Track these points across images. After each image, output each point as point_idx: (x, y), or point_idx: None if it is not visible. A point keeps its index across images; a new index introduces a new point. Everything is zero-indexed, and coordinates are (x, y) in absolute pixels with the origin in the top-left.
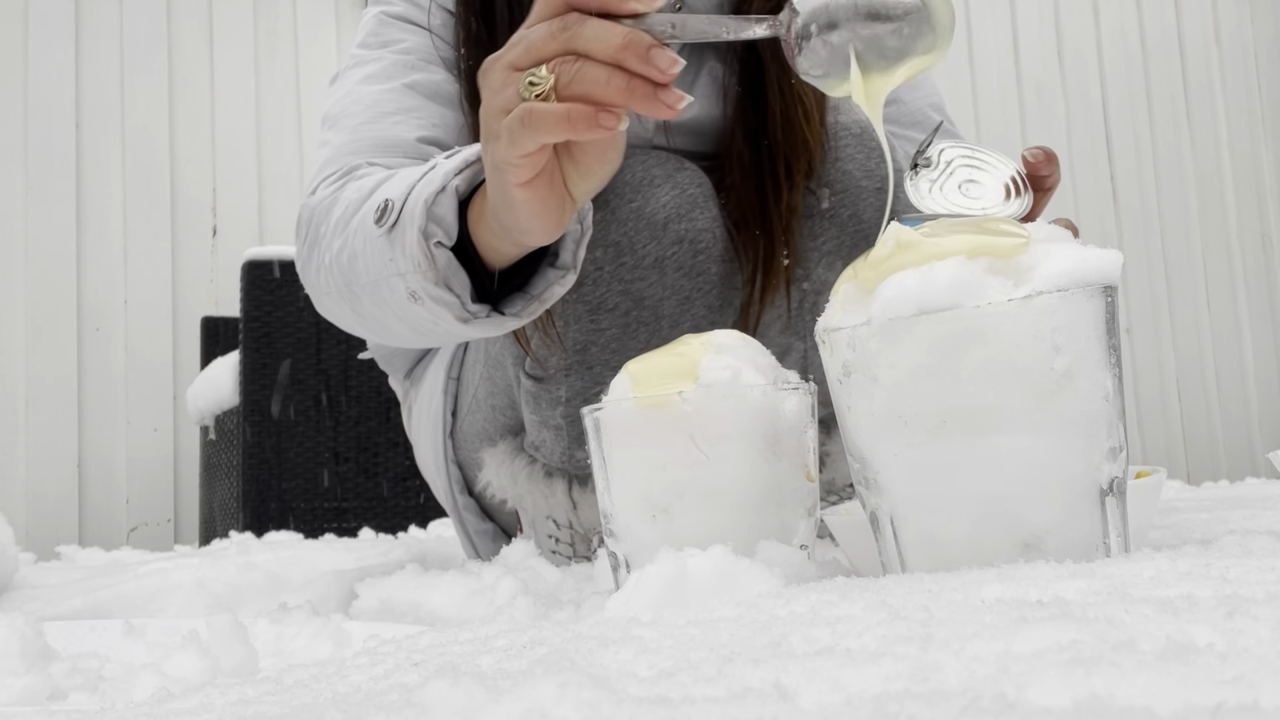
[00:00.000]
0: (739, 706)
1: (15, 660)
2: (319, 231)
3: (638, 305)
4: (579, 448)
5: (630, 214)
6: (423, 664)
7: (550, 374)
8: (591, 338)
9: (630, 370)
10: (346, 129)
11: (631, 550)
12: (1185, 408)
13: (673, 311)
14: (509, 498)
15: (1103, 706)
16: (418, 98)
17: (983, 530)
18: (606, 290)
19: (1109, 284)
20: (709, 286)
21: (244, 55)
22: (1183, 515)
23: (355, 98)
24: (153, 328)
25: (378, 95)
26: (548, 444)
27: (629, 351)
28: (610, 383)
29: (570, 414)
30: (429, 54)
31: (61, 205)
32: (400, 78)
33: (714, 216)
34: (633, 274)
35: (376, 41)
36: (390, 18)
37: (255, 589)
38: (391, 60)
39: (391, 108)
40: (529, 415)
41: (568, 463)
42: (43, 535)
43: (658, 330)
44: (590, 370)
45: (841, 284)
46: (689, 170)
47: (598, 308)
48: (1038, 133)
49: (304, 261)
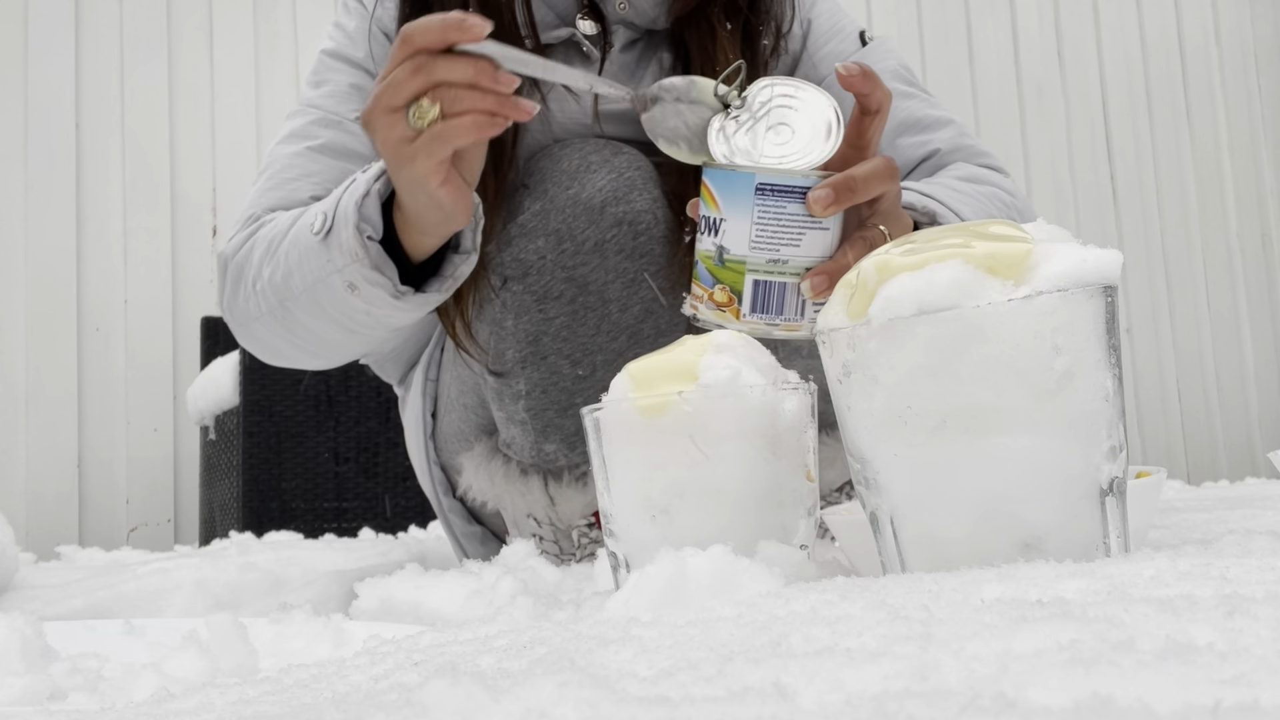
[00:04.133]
0: (739, 706)
1: (15, 660)
2: (242, 268)
3: (583, 291)
4: (546, 441)
5: (568, 201)
6: (423, 664)
7: (508, 368)
8: (541, 327)
9: (630, 370)
10: (258, 190)
11: (631, 550)
12: (1185, 408)
13: (620, 295)
14: (489, 499)
15: (1102, 706)
16: (323, 160)
17: (983, 530)
18: (550, 279)
19: (1109, 284)
20: (655, 268)
21: (244, 55)
22: (1183, 515)
23: (273, 158)
24: (153, 328)
25: (287, 159)
26: (517, 440)
27: (580, 339)
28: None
29: (531, 407)
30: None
31: (61, 205)
32: (313, 138)
33: (655, 198)
34: (574, 260)
35: (314, 81)
36: (327, 55)
37: (255, 589)
38: (314, 117)
39: (295, 173)
40: (496, 412)
41: (538, 457)
42: (43, 535)
43: (607, 315)
44: (545, 360)
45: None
46: (627, 154)
47: (544, 297)
48: (1038, 133)
49: (230, 297)
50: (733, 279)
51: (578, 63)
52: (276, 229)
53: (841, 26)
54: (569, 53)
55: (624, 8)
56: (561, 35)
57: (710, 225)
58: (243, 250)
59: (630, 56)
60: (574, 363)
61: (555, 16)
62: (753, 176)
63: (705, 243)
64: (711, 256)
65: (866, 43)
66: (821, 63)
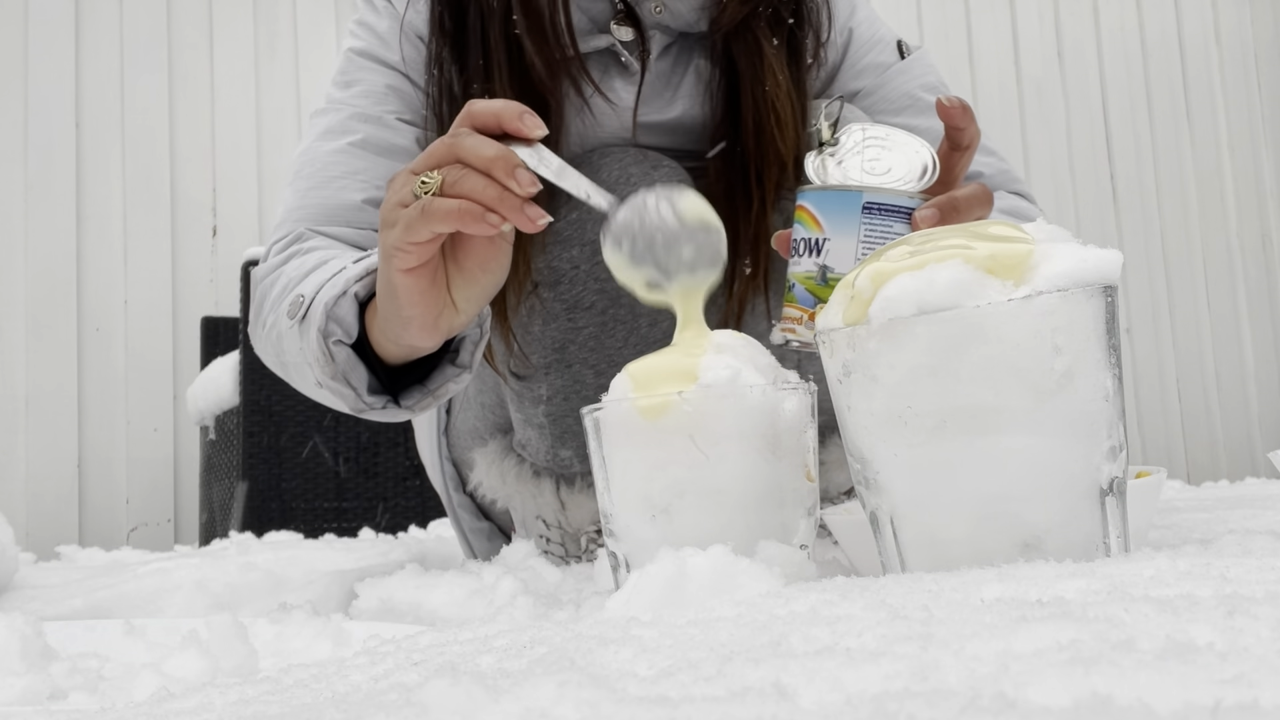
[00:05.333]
0: (739, 706)
1: (15, 660)
2: (263, 303)
3: (614, 303)
4: (562, 446)
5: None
6: (423, 664)
7: (532, 372)
8: (569, 336)
9: (630, 370)
10: (298, 191)
11: (631, 550)
12: (1185, 408)
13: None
14: (499, 498)
15: (1102, 705)
16: (367, 156)
17: (983, 530)
18: (583, 289)
19: (1109, 284)
20: None
21: (244, 55)
22: (1183, 515)
23: (310, 156)
24: (153, 328)
25: (328, 157)
26: (533, 442)
27: (607, 349)
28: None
29: (552, 412)
30: (387, 97)
31: (61, 205)
32: (352, 133)
33: None
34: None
35: (343, 81)
36: (356, 54)
37: (255, 589)
38: (350, 113)
39: (339, 171)
40: (514, 413)
41: (552, 461)
42: (43, 535)
43: (636, 328)
44: (570, 369)
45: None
46: (666, 168)
47: (575, 306)
48: (1038, 133)
49: (253, 323)
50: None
51: (615, 75)
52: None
53: (881, 36)
54: (607, 63)
55: (659, 11)
56: (600, 45)
57: (811, 246)
58: (268, 279)
59: (665, 64)
60: (598, 373)
61: (589, 21)
62: (860, 195)
63: (805, 264)
64: (814, 277)
65: (904, 53)
66: (863, 74)
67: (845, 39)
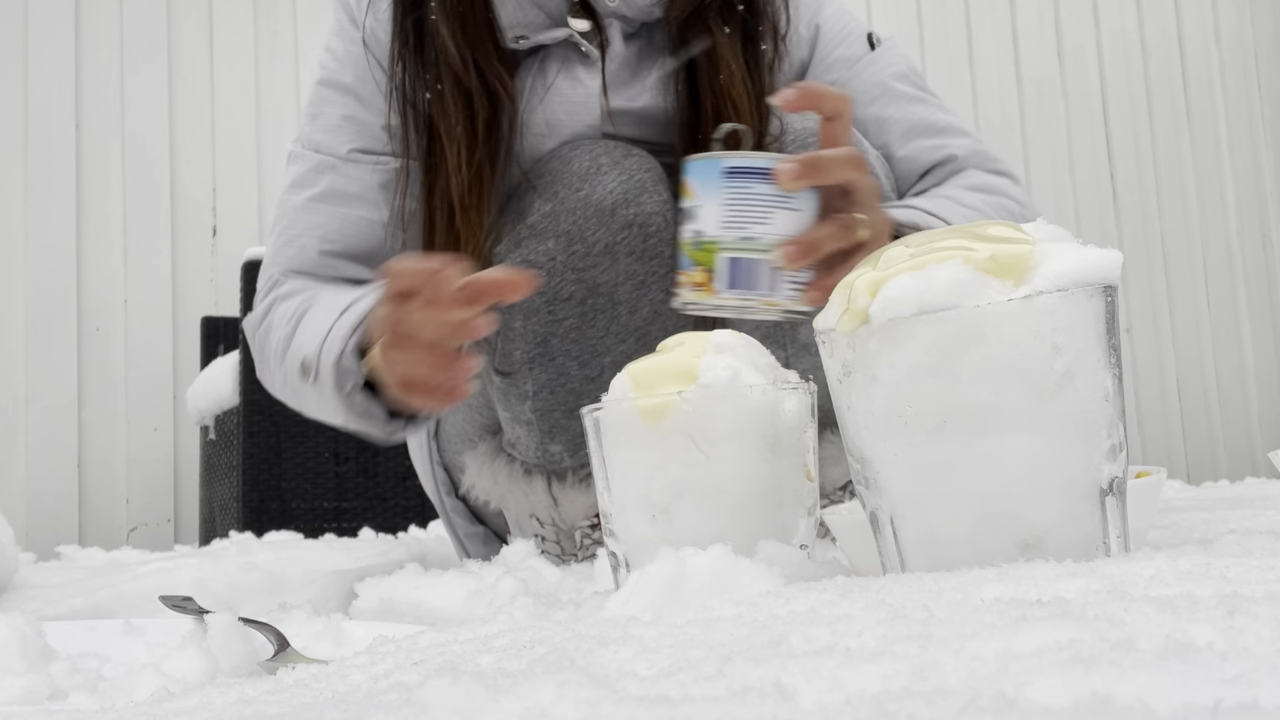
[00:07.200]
0: (739, 706)
1: (15, 660)
2: (263, 347)
3: (593, 293)
4: (552, 441)
5: (578, 203)
6: (422, 663)
7: (515, 369)
8: (550, 329)
9: (630, 370)
10: (272, 246)
11: (631, 550)
12: (1185, 408)
13: (629, 297)
14: (492, 499)
15: (1102, 705)
16: (324, 209)
17: (983, 530)
18: (561, 280)
19: (1109, 284)
20: (664, 270)
21: (244, 55)
22: (1183, 515)
23: (281, 210)
24: (153, 328)
25: (293, 214)
26: (522, 440)
27: (589, 341)
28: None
29: (538, 407)
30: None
31: (61, 205)
32: (312, 186)
33: (664, 200)
34: (584, 262)
35: (310, 114)
36: (319, 85)
37: (255, 589)
38: (313, 164)
39: (301, 228)
40: (502, 412)
41: (543, 457)
42: (43, 535)
43: (616, 317)
44: (553, 362)
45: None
46: (637, 156)
47: (554, 299)
48: (1038, 133)
49: (260, 371)
50: (707, 259)
51: (578, 65)
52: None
53: (850, 30)
54: (568, 55)
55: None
56: (558, 36)
57: (688, 215)
58: (262, 328)
59: (631, 52)
60: (582, 364)
61: (545, 16)
62: (720, 161)
63: (684, 232)
64: (689, 242)
65: (874, 45)
66: (833, 67)
67: (813, 34)
